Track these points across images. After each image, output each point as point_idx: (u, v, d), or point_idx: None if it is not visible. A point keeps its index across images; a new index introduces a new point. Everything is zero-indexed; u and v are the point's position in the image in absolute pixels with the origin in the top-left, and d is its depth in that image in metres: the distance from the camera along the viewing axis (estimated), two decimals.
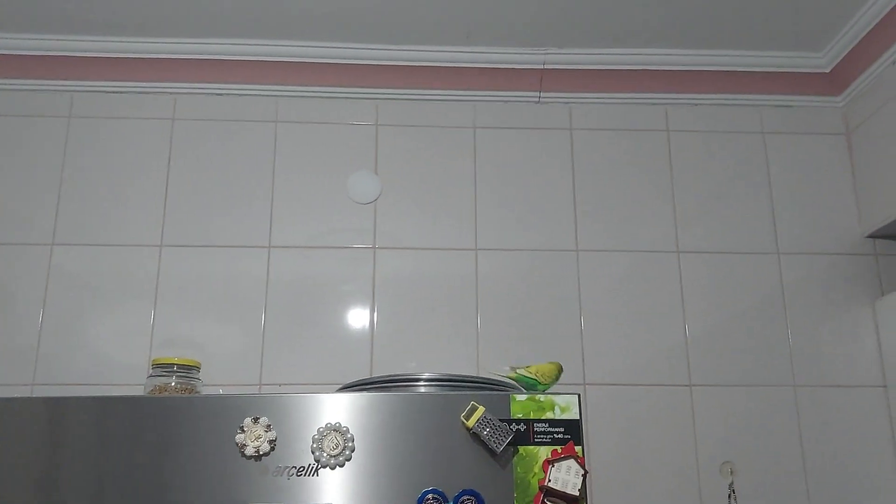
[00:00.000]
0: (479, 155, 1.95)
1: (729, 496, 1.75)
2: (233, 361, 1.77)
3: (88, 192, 1.85)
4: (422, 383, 1.37)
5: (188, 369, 1.60)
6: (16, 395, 1.65)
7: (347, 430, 1.17)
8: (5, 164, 1.85)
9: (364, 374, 1.77)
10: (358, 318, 1.82)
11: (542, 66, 1.96)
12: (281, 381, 1.76)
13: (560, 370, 1.44)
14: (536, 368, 1.42)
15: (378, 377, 1.41)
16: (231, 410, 1.17)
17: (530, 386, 1.39)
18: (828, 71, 1.99)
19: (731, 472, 1.77)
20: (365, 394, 1.21)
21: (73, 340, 1.75)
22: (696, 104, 2.01)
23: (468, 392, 1.24)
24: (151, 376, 1.57)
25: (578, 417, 1.20)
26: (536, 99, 1.98)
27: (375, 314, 1.82)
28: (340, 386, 1.49)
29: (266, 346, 1.78)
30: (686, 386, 1.82)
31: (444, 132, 1.96)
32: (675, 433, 1.78)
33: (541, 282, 1.86)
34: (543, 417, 1.19)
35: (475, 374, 1.73)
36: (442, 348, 1.81)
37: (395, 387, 1.36)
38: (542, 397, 1.21)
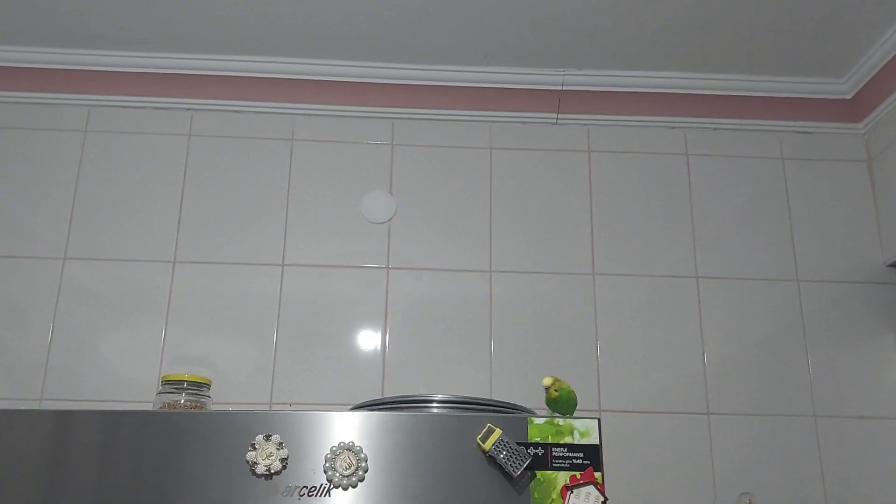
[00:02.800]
0: (495, 176, 1.93)
1: None
2: (244, 380, 1.74)
3: (102, 207, 1.84)
4: (435, 405, 1.34)
5: (198, 386, 1.57)
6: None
7: (361, 449, 1.14)
8: (20, 176, 1.84)
9: (375, 396, 1.74)
10: (370, 338, 1.79)
11: (560, 88, 1.95)
12: (291, 400, 1.73)
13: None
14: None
15: (390, 398, 1.38)
16: (242, 427, 1.15)
17: (572, 404, 1.32)
18: (849, 97, 1.97)
19: None
20: (379, 413, 1.18)
21: (83, 356, 1.73)
22: (716, 128, 1.99)
23: (484, 414, 1.21)
24: (161, 393, 1.55)
25: (598, 443, 1.17)
26: (554, 120, 1.97)
27: (388, 335, 1.79)
28: (351, 406, 1.46)
29: (277, 365, 1.75)
30: (704, 414, 1.78)
31: (460, 152, 1.94)
32: (693, 462, 1.74)
33: (556, 305, 1.84)
34: (562, 442, 1.16)
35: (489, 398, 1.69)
36: (454, 371, 1.78)
37: (407, 408, 1.33)
38: (560, 421, 1.17)
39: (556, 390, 1.28)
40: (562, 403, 1.30)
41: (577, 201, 1.92)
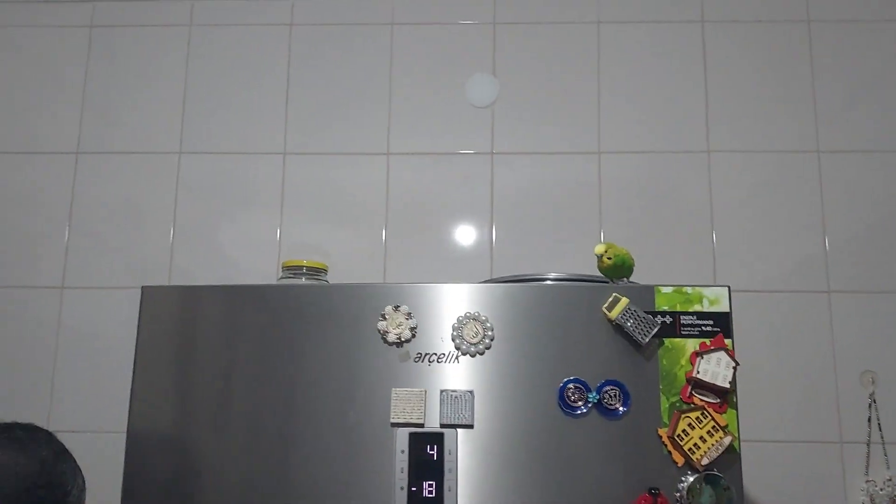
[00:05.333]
0: (603, 52, 1.85)
1: (869, 406, 1.67)
2: (355, 267, 1.78)
3: (212, 101, 1.87)
4: (549, 282, 1.34)
5: (317, 271, 1.62)
6: None
7: (486, 319, 1.16)
8: (129, 75, 1.89)
9: (485, 278, 1.75)
10: (476, 224, 1.79)
11: None
12: None
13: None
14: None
15: (504, 277, 1.39)
16: (372, 299, 1.18)
17: (626, 267, 1.26)
18: None
19: (873, 382, 1.68)
20: (502, 285, 1.19)
21: (203, 248, 1.80)
22: None
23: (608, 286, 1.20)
24: (282, 278, 1.60)
25: (729, 310, 1.15)
26: None
27: (494, 220, 1.79)
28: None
29: (388, 253, 1.78)
30: (825, 293, 1.72)
31: (566, 28, 1.87)
32: (813, 341, 1.70)
33: (669, 185, 1.78)
34: (691, 310, 1.14)
35: None
36: (563, 255, 1.76)
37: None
38: (689, 290, 1.15)
39: (609, 257, 1.23)
40: (616, 268, 1.24)
41: (690, 75, 1.83)
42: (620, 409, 1.11)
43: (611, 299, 1.14)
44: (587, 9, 1.87)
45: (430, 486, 1.09)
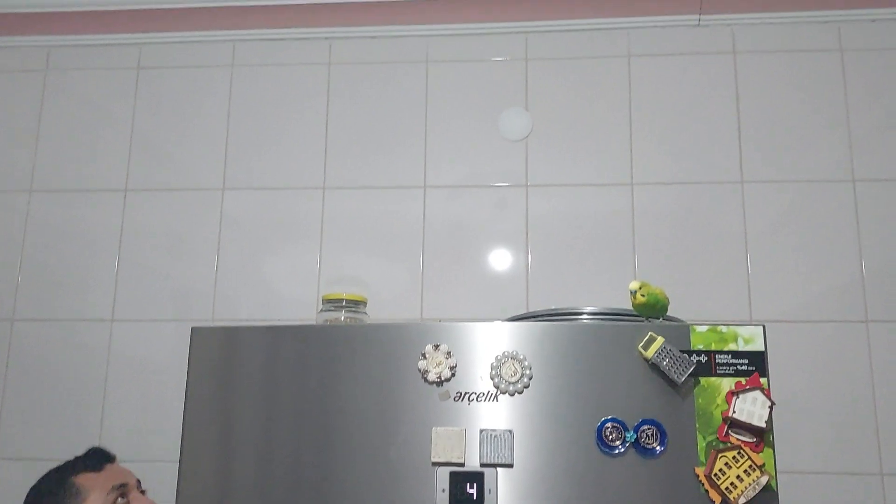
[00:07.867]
0: (635, 85, 1.88)
1: None
2: (394, 298, 1.82)
3: (254, 138, 1.93)
4: (585, 317, 1.36)
5: (356, 304, 1.66)
6: None
7: (525, 358, 1.18)
8: (175, 115, 1.96)
9: (520, 311, 1.78)
10: (512, 255, 1.82)
11: None
12: (440, 316, 1.80)
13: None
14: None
15: (542, 311, 1.42)
16: (414, 338, 1.21)
17: (659, 307, 1.29)
18: None
19: None
20: (540, 323, 1.22)
21: (246, 280, 1.86)
22: (874, 20, 1.84)
23: (643, 324, 1.22)
24: (322, 311, 1.65)
25: (763, 349, 1.16)
26: (696, 22, 1.88)
27: (529, 252, 1.82)
28: (502, 320, 1.50)
29: (425, 284, 1.82)
30: (862, 322, 1.72)
31: (597, 63, 1.90)
32: (851, 372, 1.69)
33: (703, 216, 1.80)
34: (726, 349, 1.16)
35: None
36: (598, 286, 1.79)
37: (559, 320, 1.36)
38: (724, 329, 1.17)
39: (642, 295, 1.26)
40: (649, 307, 1.27)
41: (722, 106, 1.85)
42: (658, 448, 1.13)
43: (646, 338, 1.16)
44: (617, 43, 1.90)
45: None
